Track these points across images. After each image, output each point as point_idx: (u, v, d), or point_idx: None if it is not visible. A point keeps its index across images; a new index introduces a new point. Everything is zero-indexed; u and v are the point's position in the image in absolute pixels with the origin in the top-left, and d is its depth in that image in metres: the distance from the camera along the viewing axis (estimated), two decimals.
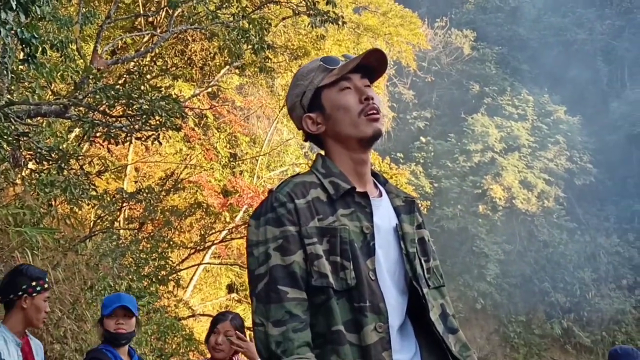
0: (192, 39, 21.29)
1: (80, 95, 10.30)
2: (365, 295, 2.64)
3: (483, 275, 58.46)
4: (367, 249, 2.73)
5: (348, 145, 2.89)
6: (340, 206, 2.77)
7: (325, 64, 2.94)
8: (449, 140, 65.98)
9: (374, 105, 2.85)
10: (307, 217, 2.71)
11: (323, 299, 2.64)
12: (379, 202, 2.89)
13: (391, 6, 26.40)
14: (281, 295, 2.61)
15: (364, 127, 2.83)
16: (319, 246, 2.67)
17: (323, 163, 2.90)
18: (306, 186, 2.79)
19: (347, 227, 2.72)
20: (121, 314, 5.79)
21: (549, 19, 75.33)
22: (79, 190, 10.96)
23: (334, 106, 2.88)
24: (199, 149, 22.68)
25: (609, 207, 64.39)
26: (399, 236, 2.85)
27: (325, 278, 2.64)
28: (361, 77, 2.90)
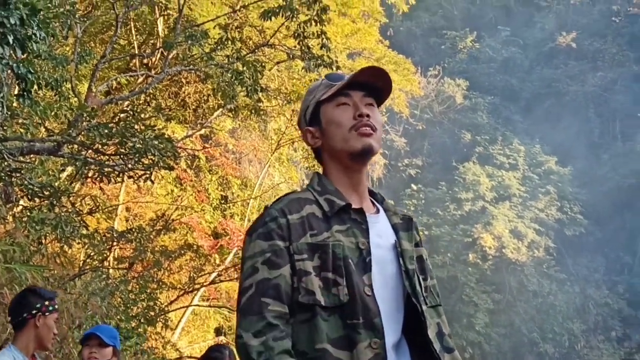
0: (186, 81, 21.36)
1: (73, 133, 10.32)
2: (358, 312, 2.61)
3: (472, 324, 58.24)
4: (364, 265, 2.71)
5: (341, 160, 2.89)
6: (336, 222, 2.76)
7: (329, 80, 2.98)
8: (440, 188, 66.06)
9: (368, 122, 2.84)
10: (299, 233, 2.71)
11: (308, 316, 2.61)
12: (375, 219, 2.89)
13: (385, 52, 26.53)
14: (262, 307, 2.60)
15: (353, 141, 2.82)
16: (308, 262, 2.67)
17: (319, 181, 2.92)
18: (301, 202, 2.80)
19: (341, 243, 2.71)
20: (95, 343, 5.78)
21: (541, 70, 75.83)
22: (70, 228, 10.96)
23: (328, 121, 2.91)
24: (190, 190, 22.69)
25: (599, 258, 64.41)
26: (397, 253, 2.85)
27: (312, 295, 2.62)
28: (364, 95, 2.90)
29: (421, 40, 78.92)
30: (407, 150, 70.84)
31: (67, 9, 11.21)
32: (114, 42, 15.31)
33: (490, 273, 61.11)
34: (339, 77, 2.95)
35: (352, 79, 2.88)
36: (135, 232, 15.73)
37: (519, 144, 69.09)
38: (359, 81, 2.90)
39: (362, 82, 2.90)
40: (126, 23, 18.81)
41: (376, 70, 2.90)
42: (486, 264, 61.24)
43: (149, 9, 19.58)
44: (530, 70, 76.97)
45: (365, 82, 2.90)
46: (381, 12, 28.45)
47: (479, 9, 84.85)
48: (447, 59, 77.35)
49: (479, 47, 79.04)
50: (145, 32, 21.20)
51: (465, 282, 60.14)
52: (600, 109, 71.36)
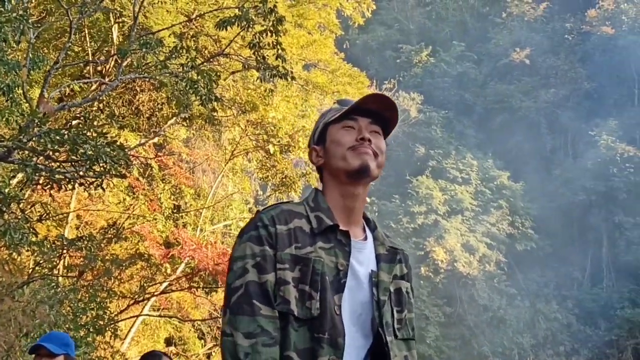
0: (141, 89, 21.24)
1: (24, 139, 10.21)
2: (325, 327, 2.69)
3: (423, 337, 58.39)
4: (337, 285, 2.79)
5: (339, 177, 2.98)
6: (321, 240, 2.84)
7: (340, 104, 3.11)
8: (394, 201, 66.29)
9: (368, 145, 2.94)
10: (285, 243, 2.79)
11: (282, 324, 2.69)
12: (361, 245, 2.96)
13: (340, 64, 26.53)
14: (254, 310, 2.67)
15: (351, 159, 2.92)
16: (289, 273, 2.75)
17: (314, 197, 3.00)
18: (291, 215, 2.88)
19: (322, 260, 2.79)
20: (44, 353, 5.70)
21: (495, 85, 76.50)
22: (19, 235, 10.82)
23: (331, 140, 3.01)
24: (142, 199, 22.49)
25: (549, 273, 65.00)
26: (372, 282, 2.90)
27: (287, 304, 2.70)
28: (370, 122, 3.01)
29: (377, 53, 79.34)
30: None
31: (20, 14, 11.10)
32: (67, 49, 15.18)
33: (442, 286, 61.41)
34: (349, 102, 3.06)
35: (359, 103, 2.99)
36: (86, 240, 15.56)
37: (472, 159, 69.58)
38: (367, 108, 3.01)
39: (370, 110, 3.01)
40: (80, 30, 18.67)
41: (384, 99, 3.03)
42: (438, 277, 61.51)
43: (104, 16, 19.45)
44: (484, 85, 77.60)
45: (373, 110, 3.00)
46: (337, 25, 28.45)
47: (434, 23, 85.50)
48: (402, 72, 77.73)
49: (434, 61, 79.60)
50: (100, 39, 21.04)
51: (417, 295, 60.08)
52: (552, 125, 72.14)
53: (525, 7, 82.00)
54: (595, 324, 60.76)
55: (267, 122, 22.47)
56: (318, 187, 3.11)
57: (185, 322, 23.57)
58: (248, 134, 24.07)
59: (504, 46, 78.95)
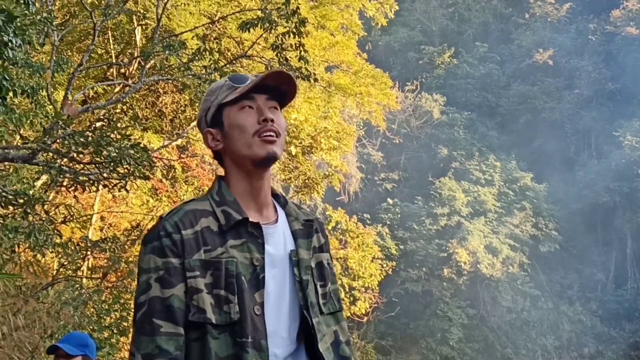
0: (164, 91, 21.32)
1: (49, 141, 10.27)
2: (247, 331, 2.61)
3: (446, 339, 58.21)
4: (256, 282, 2.70)
5: (243, 165, 2.85)
6: (231, 237, 2.73)
7: (232, 82, 2.90)
8: (416, 203, 66.06)
9: (272, 127, 2.81)
10: (193, 249, 2.67)
11: (199, 334, 2.61)
12: (273, 229, 2.84)
13: (363, 66, 26.53)
14: (154, 328, 2.57)
15: (257, 148, 2.80)
16: (200, 280, 2.64)
17: (219, 189, 2.87)
18: (196, 215, 2.76)
19: (234, 260, 2.68)
20: (62, 354, 5.69)
21: (518, 86, 76.10)
22: (43, 236, 10.89)
23: (231, 124, 2.86)
24: (166, 201, 22.60)
25: (573, 275, 64.63)
26: (292, 262, 2.81)
27: (203, 313, 2.61)
28: (268, 98, 2.87)
29: (399, 54, 79.11)
30: (383, 164, 70.87)
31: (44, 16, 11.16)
32: (91, 51, 15.26)
33: (465, 288, 61.13)
34: (242, 79, 2.90)
35: (257, 82, 2.83)
36: (110, 242, 15.61)
37: (495, 160, 69.24)
38: (264, 85, 2.84)
39: (266, 86, 2.85)
40: (104, 32, 18.77)
41: (282, 75, 2.86)
42: (461, 279, 61.23)
43: (127, 18, 19.54)
44: (507, 86, 77.23)
45: (270, 86, 2.86)
46: (360, 26, 28.49)
47: (457, 25, 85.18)
48: (424, 74, 77.51)
49: (456, 62, 79.27)
50: (123, 42, 21.14)
51: (439, 297, 60.13)
52: (576, 126, 71.70)
53: (549, 8, 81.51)
54: (620, 325, 60.35)
55: (290, 123, 22.46)
56: (220, 174, 3.00)
57: None
58: None
59: (527, 47, 78.52)
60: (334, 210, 46.51)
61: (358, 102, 27.79)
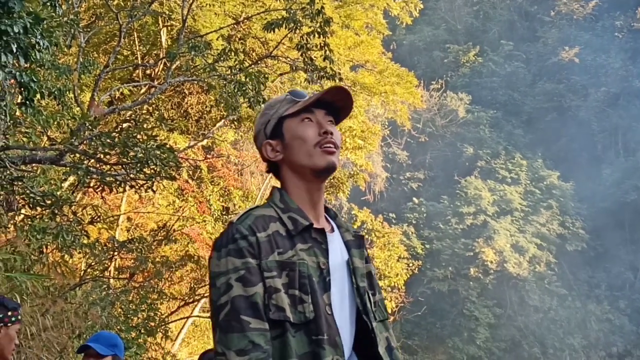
0: (189, 91, 21.39)
1: (76, 142, 10.32)
2: (323, 329, 2.69)
3: (473, 338, 58.10)
4: (324, 284, 2.79)
5: (303, 175, 2.94)
6: (299, 241, 2.82)
7: (293, 96, 3.01)
8: (442, 202, 65.94)
9: (332, 139, 2.91)
10: (268, 251, 2.75)
11: (279, 332, 2.67)
12: (332, 237, 2.94)
13: (388, 65, 26.50)
14: (243, 325, 2.64)
15: (317, 158, 2.89)
16: (278, 280, 2.72)
17: (281, 197, 2.95)
18: (266, 220, 2.83)
19: (305, 262, 2.77)
20: (92, 353, 5.71)
21: (544, 84, 75.78)
22: (71, 237, 10.96)
23: (292, 135, 2.94)
24: (192, 201, 22.66)
25: (600, 273, 64.29)
26: (350, 270, 2.91)
27: (283, 312, 2.68)
28: (326, 114, 2.96)
29: (424, 53, 78.98)
30: (409, 163, 70.80)
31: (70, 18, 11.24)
32: (117, 52, 15.35)
33: (492, 287, 60.97)
34: (302, 94, 3.01)
35: (319, 97, 2.93)
36: (137, 242, 15.70)
37: (521, 159, 69.00)
38: (322, 100, 2.94)
39: (325, 101, 2.95)
40: (130, 33, 18.85)
41: (341, 91, 2.96)
42: (487, 278, 61.07)
43: (153, 19, 19.63)
44: (532, 84, 76.91)
45: (328, 101, 2.96)
46: (384, 25, 28.48)
47: (482, 23, 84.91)
48: (449, 72, 77.33)
49: (481, 61, 79.03)
50: (149, 43, 21.24)
51: (466, 296, 60.02)
52: (603, 123, 71.28)
53: (574, 5, 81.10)
54: None
55: None
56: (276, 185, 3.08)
57: None
58: None
59: (553, 45, 78.19)
60: (360, 210, 46.46)
61: (383, 101, 27.77)
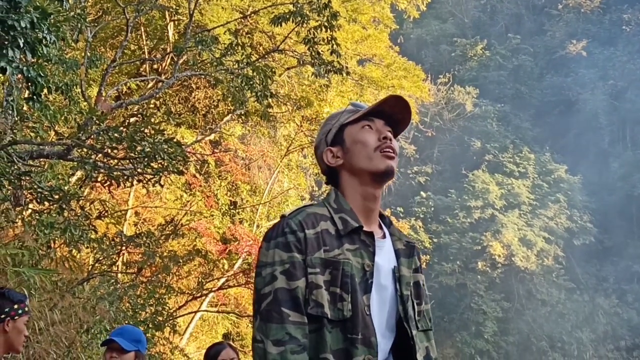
0: (196, 86, 21.37)
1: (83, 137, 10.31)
2: (358, 328, 2.74)
3: (481, 332, 58.16)
4: (365, 286, 2.83)
5: (361, 178, 3.00)
6: (347, 241, 2.87)
7: (353, 107, 3.14)
8: (450, 196, 65.98)
9: (391, 144, 2.98)
10: (314, 248, 2.81)
11: (316, 327, 2.73)
12: (382, 243, 2.99)
13: (395, 58, 26.44)
14: (283, 317, 2.70)
15: (377, 161, 2.95)
16: (320, 276, 2.78)
17: (336, 198, 3.02)
18: (317, 218, 2.90)
19: (350, 262, 2.82)
20: (116, 347, 5.70)
21: (552, 78, 75.74)
22: (79, 232, 10.94)
23: (353, 140, 3.02)
24: (199, 195, 22.67)
25: (608, 267, 64.25)
26: (395, 278, 2.95)
27: (321, 307, 2.74)
28: (384, 124, 3.04)
29: (431, 47, 78.98)
30: (416, 157, 70.84)
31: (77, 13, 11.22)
32: (124, 47, 15.33)
33: (500, 281, 61.01)
34: (362, 105, 3.12)
35: (379, 104, 3.04)
36: (144, 237, 15.68)
37: (529, 152, 69.00)
38: (381, 110, 3.04)
39: (383, 112, 3.05)
40: (137, 28, 18.85)
41: (400, 101, 3.05)
42: (495, 272, 61.11)
43: (160, 14, 19.61)
44: (540, 78, 76.90)
45: (387, 112, 3.04)
46: (391, 19, 28.36)
47: (489, 17, 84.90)
48: (457, 66, 77.34)
49: (489, 54, 79.01)
50: (156, 37, 21.22)
51: (474, 290, 60.07)
52: (610, 117, 71.19)
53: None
54: None
55: (322, 117, 22.42)
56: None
57: (243, 317, 23.60)
58: (303, 130, 24.11)
59: (560, 38, 78.13)
60: None
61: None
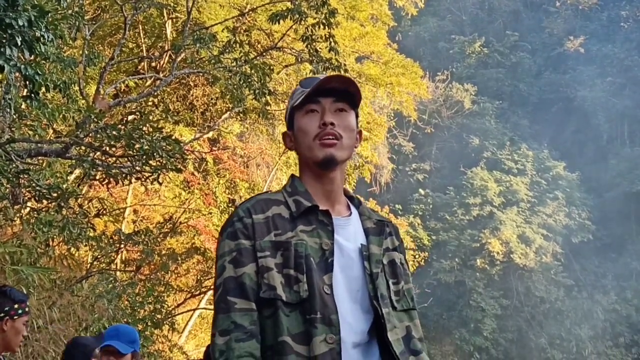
0: (194, 84, 21.37)
1: (81, 135, 10.32)
2: (316, 307, 2.70)
3: (479, 329, 58.14)
4: (325, 265, 2.79)
5: (310, 166, 2.98)
6: (301, 223, 2.85)
7: (301, 86, 3.02)
8: (448, 193, 65.95)
9: (331, 130, 2.90)
10: (263, 232, 2.80)
11: (271, 311, 2.70)
12: (345, 221, 2.96)
13: (393, 56, 26.48)
14: (229, 306, 2.70)
15: (316, 151, 2.91)
16: (270, 259, 2.76)
17: (292, 183, 3.01)
18: (268, 203, 2.90)
19: (304, 242, 2.79)
20: (113, 350, 5.70)
21: (550, 75, 75.76)
22: (77, 230, 10.97)
23: (297, 128, 3.00)
24: (198, 193, 22.67)
25: (607, 264, 64.25)
26: (363, 256, 2.89)
27: (274, 290, 2.71)
28: (334, 101, 2.95)
29: (429, 44, 78.88)
30: (415, 154, 70.76)
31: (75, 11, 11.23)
32: (122, 45, 15.34)
33: (498, 278, 60.98)
34: (311, 82, 2.97)
35: (315, 88, 2.93)
36: (143, 235, 15.71)
37: (527, 149, 68.96)
38: (329, 87, 2.93)
39: (333, 88, 2.93)
40: (134, 26, 18.85)
41: (341, 78, 2.96)
42: (494, 269, 61.08)
43: (158, 12, 19.61)
44: (538, 75, 76.89)
45: (337, 88, 2.94)
46: (389, 16, 28.40)
47: (487, 14, 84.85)
48: (455, 63, 77.24)
49: (487, 52, 78.91)
50: (154, 35, 21.23)
51: (473, 287, 60.04)
52: (609, 114, 71.17)
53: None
54: None
55: None
56: (295, 174, 3.11)
57: None
58: None
59: (558, 35, 78.12)
60: (365, 202, 46.26)
61: (388, 92, 27.73)
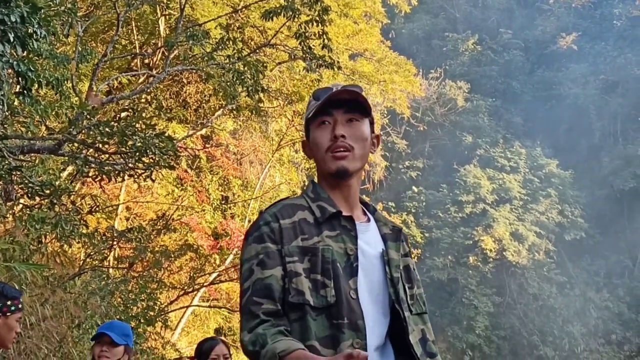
0: (188, 80, 21.37)
1: (74, 132, 10.30)
2: (343, 313, 2.73)
3: (472, 327, 58.15)
4: (350, 270, 2.84)
5: (326, 176, 3.04)
6: (326, 228, 2.89)
7: (314, 98, 3.08)
8: (441, 191, 65.94)
9: (342, 143, 2.96)
10: (290, 237, 2.84)
11: (299, 315, 2.74)
12: (365, 227, 3.01)
13: (386, 53, 26.52)
14: (256, 306, 2.72)
15: (329, 163, 2.97)
16: (299, 264, 2.79)
17: (313, 188, 3.07)
18: (294, 208, 2.94)
19: (330, 248, 2.83)
20: (107, 341, 5.71)
21: (543, 72, 75.76)
22: (70, 227, 10.94)
23: (312, 140, 3.06)
24: (191, 190, 22.67)
25: (599, 261, 64.33)
26: (384, 261, 2.95)
27: (302, 295, 2.75)
28: (345, 111, 3.00)
29: (423, 42, 78.81)
30: (408, 152, 70.70)
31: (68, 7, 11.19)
32: (115, 42, 15.31)
33: (491, 276, 61.00)
34: (324, 94, 3.02)
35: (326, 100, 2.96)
36: (136, 232, 15.70)
37: (520, 147, 68.98)
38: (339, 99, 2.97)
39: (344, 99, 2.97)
40: (127, 22, 18.83)
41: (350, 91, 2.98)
42: (487, 266, 61.09)
43: (151, 8, 19.58)
44: (531, 72, 76.88)
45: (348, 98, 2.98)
46: (383, 13, 28.43)
47: (480, 11, 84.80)
48: (448, 61, 77.15)
49: (480, 49, 78.86)
50: (147, 32, 21.20)
51: (465, 285, 60.06)
52: (601, 111, 71.21)
53: None
54: None
55: None
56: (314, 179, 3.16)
57: (235, 312, 23.60)
58: (295, 125, 24.12)
59: (551, 33, 78.11)
60: None
61: (382, 89, 27.77)
